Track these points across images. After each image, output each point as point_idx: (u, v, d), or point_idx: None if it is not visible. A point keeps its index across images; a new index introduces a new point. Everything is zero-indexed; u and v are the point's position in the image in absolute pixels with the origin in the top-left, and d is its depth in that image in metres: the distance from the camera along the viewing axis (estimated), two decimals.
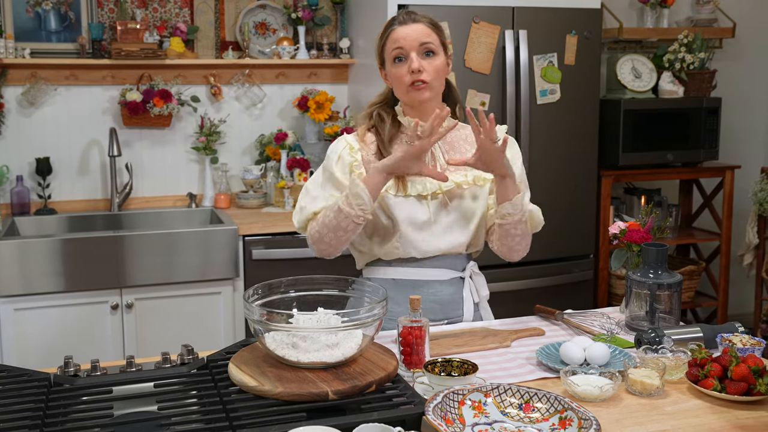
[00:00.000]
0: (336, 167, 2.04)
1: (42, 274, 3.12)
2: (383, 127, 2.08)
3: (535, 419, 1.45)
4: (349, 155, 2.05)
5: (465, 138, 2.12)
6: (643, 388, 1.61)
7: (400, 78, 2.00)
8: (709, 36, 4.28)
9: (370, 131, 2.11)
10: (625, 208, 4.21)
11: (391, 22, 2.05)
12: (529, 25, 3.57)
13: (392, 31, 2.02)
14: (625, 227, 2.14)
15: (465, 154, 2.06)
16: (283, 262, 3.41)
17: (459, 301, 2.09)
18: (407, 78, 1.99)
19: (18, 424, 1.40)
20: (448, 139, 2.10)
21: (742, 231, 4.40)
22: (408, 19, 2.02)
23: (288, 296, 1.76)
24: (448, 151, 2.08)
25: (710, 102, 4.12)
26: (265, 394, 1.49)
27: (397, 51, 2.00)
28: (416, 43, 1.99)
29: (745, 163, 4.44)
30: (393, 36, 2.02)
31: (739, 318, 4.47)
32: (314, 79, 4.05)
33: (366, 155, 2.06)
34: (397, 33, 2.01)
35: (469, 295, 2.10)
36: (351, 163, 2.04)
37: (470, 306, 2.10)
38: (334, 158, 2.06)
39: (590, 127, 3.81)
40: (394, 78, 2.03)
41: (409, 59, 1.98)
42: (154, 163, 3.87)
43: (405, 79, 1.99)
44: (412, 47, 1.99)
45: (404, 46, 1.99)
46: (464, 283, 2.10)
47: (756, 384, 1.56)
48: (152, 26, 3.77)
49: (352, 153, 2.05)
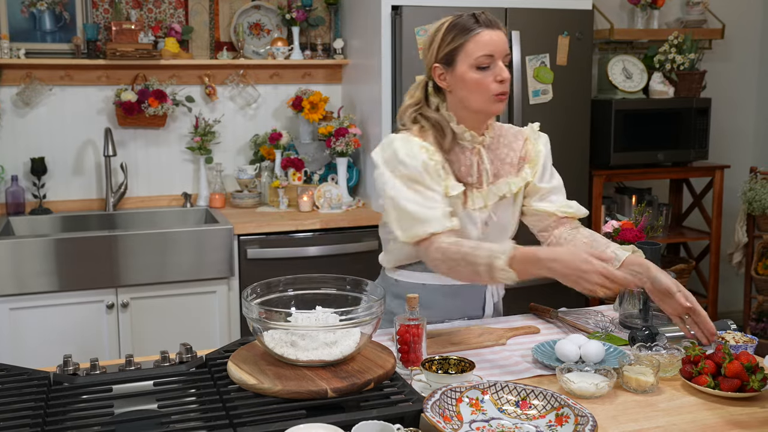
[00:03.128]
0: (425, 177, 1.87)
1: (37, 274, 3.12)
2: (443, 135, 1.93)
3: (532, 416, 1.47)
4: (430, 159, 1.88)
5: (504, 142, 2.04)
6: (637, 385, 1.64)
7: (485, 86, 1.87)
8: (698, 37, 4.32)
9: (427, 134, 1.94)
10: (617, 208, 4.24)
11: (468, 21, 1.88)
12: (521, 26, 3.60)
13: (478, 34, 1.86)
14: (619, 226, 2.16)
15: (503, 159, 2.01)
16: (278, 261, 3.43)
17: (480, 301, 2.12)
18: (494, 87, 1.87)
19: (19, 423, 1.41)
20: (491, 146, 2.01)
21: (732, 230, 4.43)
22: (494, 24, 1.88)
23: (286, 295, 1.76)
24: (494, 161, 2.00)
25: (700, 102, 4.16)
26: (265, 392, 1.50)
27: (485, 58, 1.86)
28: (504, 51, 1.88)
29: (734, 163, 4.47)
30: (480, 39, 1.86)
31: (729, 315, 4.51)
32: (308, 80, 4.07)
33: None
34: (484, 37, 1.86)
35: (490, 297, 2.13)
36: (434, 167, 1.88)
37: (491, 306, 2.13)
38: (417, 166, 1.86)
39: (582, 127, 3.84)
40: (473, 83, 1.87)
41: (497, 67, 1.86)
42: (149, 163, 3.88)
43: (491, 88, 1.86)
44: (500, 55, 1.87)
45: (494, 53, 1.86)
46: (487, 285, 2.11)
47: (749, 381, 1.58)
48: (147, 27, 3.78)
49: (432, 156, 1.89)
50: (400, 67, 3.48)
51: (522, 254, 1.69)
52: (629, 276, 1.67)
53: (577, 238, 1.98)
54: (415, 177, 1.86)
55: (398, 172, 1.88)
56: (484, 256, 1.72)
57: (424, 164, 1.87)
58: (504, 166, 2.02)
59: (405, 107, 2.01)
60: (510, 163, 2.03)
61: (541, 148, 2.05)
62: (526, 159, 2.04)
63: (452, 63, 1.89)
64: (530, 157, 2.04)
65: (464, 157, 1.96)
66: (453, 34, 1.88)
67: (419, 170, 1.86)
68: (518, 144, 2.05)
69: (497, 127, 2.05)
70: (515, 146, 2.05)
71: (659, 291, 1.80)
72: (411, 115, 1.97)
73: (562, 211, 2.03)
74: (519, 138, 2.06)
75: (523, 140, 2.06)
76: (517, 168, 2.03)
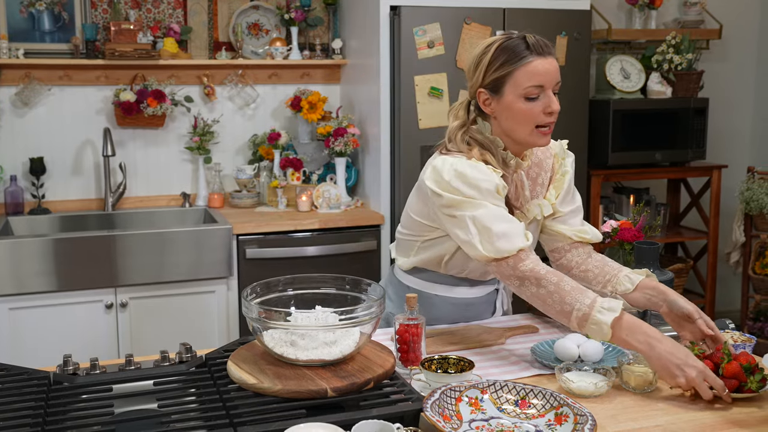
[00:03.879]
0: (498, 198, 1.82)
1: (36, 274, 3.12)
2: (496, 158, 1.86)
3: (531, 415, 1.47)
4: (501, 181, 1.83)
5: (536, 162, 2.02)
6: (636, 384, 1.64)
7: (530, 116, 1.81)
8: (696, 37, 4.32)
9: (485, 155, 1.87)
10: (615, 207, 4.25)
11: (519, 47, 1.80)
12: (519, 27, 3.59)
13: (530, 63, 1.78)
14: (617, 226, 2.17)
15: (536, 180, 2.00)
16: (277, 261, 3.43)
17: (490, 310, 2.13)
18: (541, 119, 1.81)
19: (19, 422, 1.41)
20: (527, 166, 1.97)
21: (729, 229, 4.45)
22: (546, 51, 1.80)
23: (286, 294, 1.77)
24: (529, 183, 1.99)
25: (697, 102, 4.17)
26: (265, 391, 1.51)
27: (534, 89, 1.79)
28: (554, 81, 1.81)
29: (731, 163, 4.48)
30: (532, 69, 1.78)
31: (726, 315, 4.53)
32: (307, 80, 4.07)
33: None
34: (536, 66, 1.78)
35: (500, 306, 2.14)
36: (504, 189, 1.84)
37: (500, 313, 2.14)
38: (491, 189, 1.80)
39: (580, 127, 3.84)
40: (520, 114, 1.82)
41: (549, 98, 1.80)
42: (148, 163, 3.88)
43: (536, 119, 1.81)
44: (550, 85, 1.80)
45: (545, 83, 1.79)
46: (498, 294, 2.12)
47: (747, 381, 1.58)
48: (146, 27, 3.78)
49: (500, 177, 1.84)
50: (398, 67, 3.49)
51: (629, 322, 1.65)
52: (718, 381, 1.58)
53: (589, 262, 1.99)
54: (488, 198, 1.80)
55: (468, 194, 1.79)
56: (585, 304, 1.67)
57: (496, 186, 1.81)
58: (536, 188, 2.01)
59: (455, 128, 1.92)
60: (541, 184, 2.02)
61: (568, 169, 2.03)
62: (552, 179, 2.03)
63: (499, 91, 1.83)
64: (556, 177, 2.03)
65: (508, 181, 1.92)
66: (502, 59, 1.80)
67: (492, 192, 1.80)
68: (548, 163, 2.03)
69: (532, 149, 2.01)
70: (545, 165, 2.03)
71: (678, 316, 1.78)
72: (463, 138, 1.89)
73: (577, 236, 2.01)
74: (548, 156, 2.04)
75: (552, 157, 2.04)
76: (547, 188, 2.02)
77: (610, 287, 1.91)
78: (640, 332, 1.63)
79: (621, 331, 1.64)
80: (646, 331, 1.63)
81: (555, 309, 1.72)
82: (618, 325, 1.64)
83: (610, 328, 1.64)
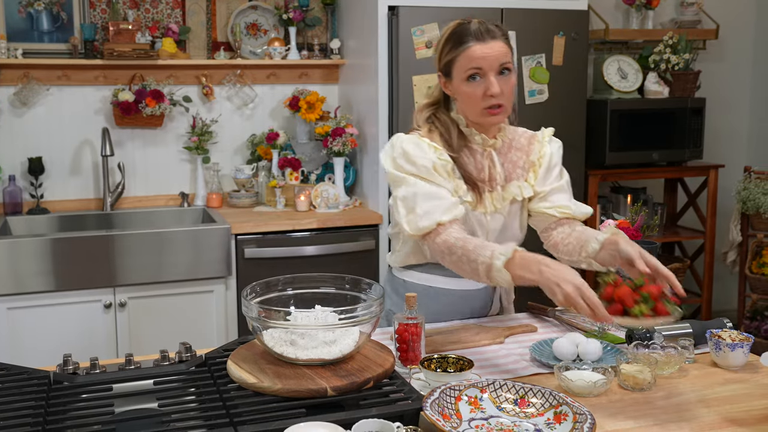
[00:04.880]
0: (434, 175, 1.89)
1: (35, 274, 3.12)
2: (450, 136, 1.95)
3: (531, 414, 1.48)
4: (439, 158, 1.90)
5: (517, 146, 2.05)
6: (635, 383, 1.65)
7: (474, 98, 1.89)
8: (693, 37, 4.33)
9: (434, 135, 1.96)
10: (612, 207, 4.26)
11: (463, 33, 1.89)
12: (517, 27, 3.61)
13: (468, 49, 1.87)
14: (616, 225, 2.17)
15: (516, 162, 2.03)
16: (275, 260, 3.44)
17: (488, 306, 2.14)
18: (483, 101, 1.88)
19: (20, 422, 1.41)
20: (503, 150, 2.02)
21: (726, 229, 4.46)
22: (487, 36, 1.87)
23: (286, 294, 1.78)
24: (505, 164, 2.02)
25: (694, 102, 4.18)
26: (264, 390, 1.51)
27: (473, 71, 1.87)
28: (496, 63, 1.87)
29: (728, 163, 4.49)
30: (469, 54, 1.87)
31: (723, 314, 4.49)
32: (305, 80, 4.07)
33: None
34: (474, 51, 1.87)
35: (498, 301, 2.14)
36: (444, 166, 1.90)
37: (497, 308, 2.15)
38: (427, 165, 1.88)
39: (577, 126, 3.85)
40: (465, 96, 1.91)
41: (487, 81, 1.87)
42: (146, 163, 3.88)
43: (480, 102, 1.89)
44: (491, 68, 1.87)
45: (483, 66, 1.86)
46: (495, 290, 2.13)
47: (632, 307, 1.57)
48: (144, 27, 3.78)
49: (441, 156, 1.91)
50: (396, 67, 3.49)
51: (521, 257, 1.68)
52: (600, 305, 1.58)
53: (572, 235, 1.98)
54: (424, 175, 1.88)
55: (407, 170, 1.89)
56: (486, 256, 1.71)
57: (433, 163, 1.89)
58: (516, 170, 2.02)
59: (421, 107, 2.03)
60: (522, 167, 2.03)
61: (546, 152, 2.05)
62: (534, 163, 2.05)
63: (449, 74, 1.93)
64: (534, 161, 2.05)
65: (476, 159, 1.97)
66: (449, 46, 1.91)
67: (428, 168, 1.88)
68: (532, 148, 2.06)
69: (511, 131, 2.06)
70: (528, 150, 2.05)
71: (626, 261, 1.76)
72: (425, 115, 2.00)
73: (560, 211, 2.02)
74: (532, 142, 2.07)
75: (537, 143, 2.07)
76: (528, 172, 2.04)
77: (584, 253, 1.91)
78: (533, 263, 1.65)
79: (515, 269, 1.67)
80: (539, 261, 1.65)
81: (468, 270, 1.77)
82: (511, 263, 1.68)
83: (507, 271, 1.67)
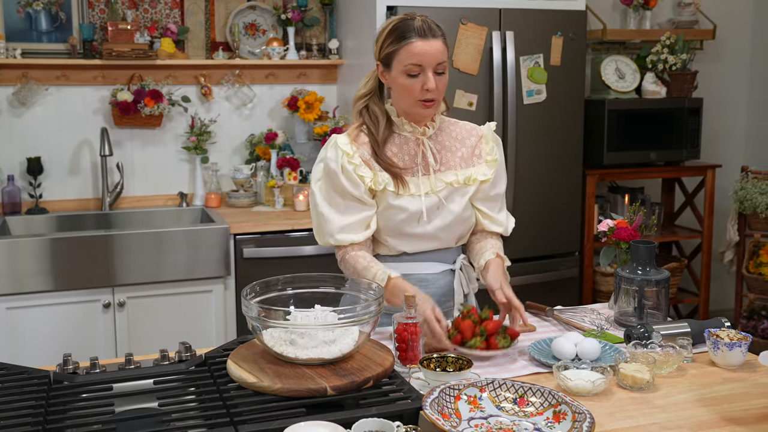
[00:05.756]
0: (342, 180, 2.01)
1: (33, 274, 3.12)
2: (377, 129, 2.05)
3: (530, 413, 1.48)
4: (349, 163, 2.01)
5: (454, 136, 2.13)
6: (633, 383, 1.66)
7: (411, 91, 1.97)
8: (690, 37, 4.34)
9: (362, 130, 2.07)
10: (610, 207, 4.27)
11: (406, 28, 1.96)
12: (515, 27, 3.62)
13: (411, 44, 1.95)
14: (614, 225, 2.18)
15: (455, 153, 2.10)
16: (274, 260, 3.44)
17: (450, 293, 2.14)
18: (419, 94, 1.97)
19: (20, 421, 1.42)
20: (439, 138, 2.10)
21: (723, 229, 4.47)
22: (429, 34, 1.95)
23: (285, 293, 1.78)
24: (440, 151, 2.09)
25: (692, 102, 4.19)
26: (264, 390, 1.51)
27: (413, 67, 1.95)
28: (435, 61, 1.96)
29: (725, 162, 4.50)
30: (411, 49, 1.95)
31: (720, 313, 4.49)
32: (303, 80, 4.08)
33: (362, 155, 2.03)
34: (416, 47, 1.94)
35: (459, 287, 2.14)
36: (354, 170, 2.01)
37: (460, 297, 2.15)
38: (336, 170, 2.01)
39: (575, 126, 3.86)
40: (402, 88, 1.99)
41: (426, 77, 1.95)
42: (145, 163, 3.88)
43: (416, 95, 1.97)
44: (429, 65, 1.95)
45: (423, 63, 1.95)
46: (455, 275, 2.14)
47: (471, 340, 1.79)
48: (143, 27, 3.78)
49: (351, 160, 2.01)
50: None
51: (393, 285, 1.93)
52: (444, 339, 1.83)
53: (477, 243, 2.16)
54: (335, 184, 2.02)
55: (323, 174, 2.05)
56: (369, 278, 1.94)
57: (343, 169, 2.00)
58: (454, 159, 2.10)
59: (355, 98, 2.12)
60: (461, 157, 2.11)
61: (499, 155, 2.15)
62: (481, 157, 2.13)
63: (389, 65, 2.01)
64: (488, 159, 2.13)
65: (407, 147, 2.07)
66: (391, 38, 1.98)
67: (336, 172, 2.01)
68: (471, 141, 2.14)
69: (447, 122, 2.15)
70: (468, 143, 2.13)
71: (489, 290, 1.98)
72: (358, 107, 2.10)
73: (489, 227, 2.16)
74: (473, 135, 2.15)
75: (478, 138, 2.15)
76: (468, 163, 2.11)
77: (476, 264, 2.12)
78: (401, 291, 1.89)
79: (387, 294, 1.91)
80: (406, 291, 1.87)
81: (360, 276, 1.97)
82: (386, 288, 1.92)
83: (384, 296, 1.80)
